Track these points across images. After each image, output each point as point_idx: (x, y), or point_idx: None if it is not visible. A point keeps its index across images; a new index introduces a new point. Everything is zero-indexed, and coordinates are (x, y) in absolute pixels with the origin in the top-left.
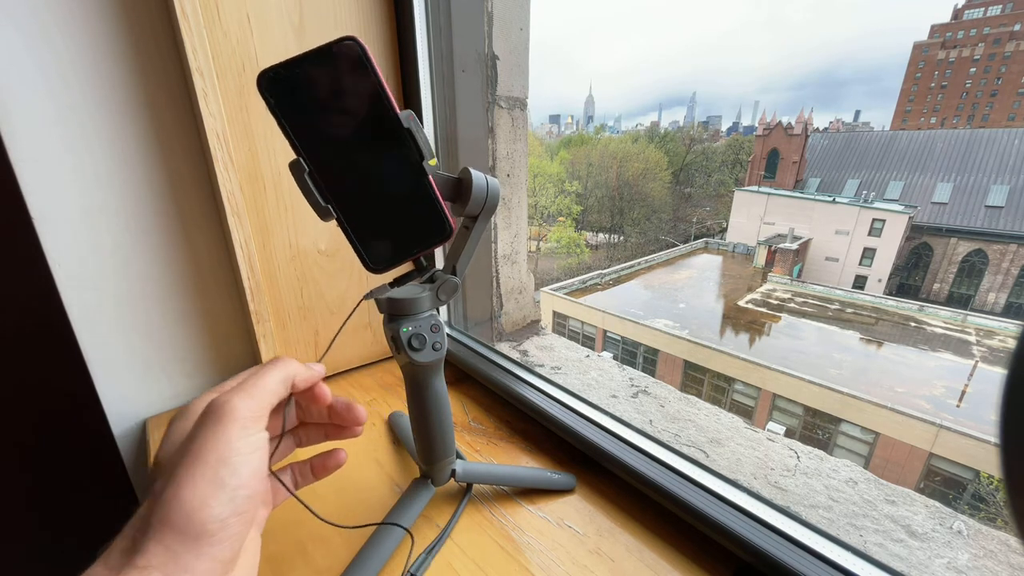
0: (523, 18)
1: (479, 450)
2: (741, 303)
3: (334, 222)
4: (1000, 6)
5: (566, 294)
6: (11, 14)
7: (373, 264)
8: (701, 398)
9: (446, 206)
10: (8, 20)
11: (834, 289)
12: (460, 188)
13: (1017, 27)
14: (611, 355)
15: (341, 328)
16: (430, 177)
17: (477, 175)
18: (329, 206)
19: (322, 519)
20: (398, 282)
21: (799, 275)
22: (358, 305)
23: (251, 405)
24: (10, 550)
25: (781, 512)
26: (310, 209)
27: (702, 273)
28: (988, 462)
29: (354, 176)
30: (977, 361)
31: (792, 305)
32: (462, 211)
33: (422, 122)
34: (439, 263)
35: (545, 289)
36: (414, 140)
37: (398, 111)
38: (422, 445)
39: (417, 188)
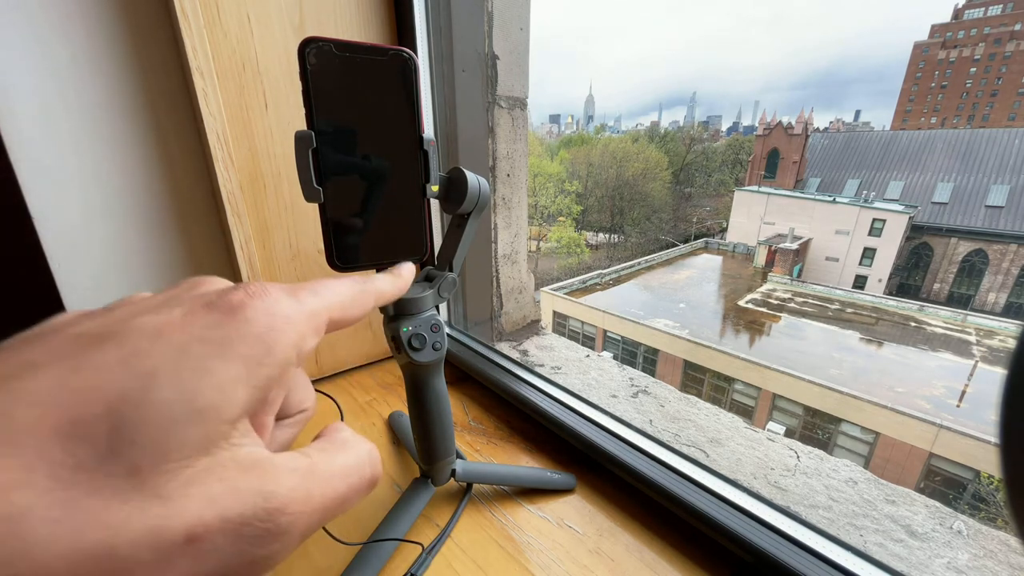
0: (523, 18)
1: (479, 450)
2: (741, 303)
3: (315, 208)
4: (1000, 6)
5: (566, 294)
6: (11, 15)
7: (340, 261)
8: (701, 398)
9: (430, 230)
10: (8, 21)
11: (834, 289)
12: (452, 187)
13: (1017, 27)
14: (611, 355)
15: None
16: (427, 200)
17: (469, 175)
18: (320, 189)
19: (334, 537)
20: None
21: (799, 275)
22: None
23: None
24: None
25: (781, 512)
26: (310, 209)
27: (702, 273)
28: (988, 462)
29: (355, 172)
30: (977, 361)
31: (792, 305)
32: (456, 209)
33: (423, 122)
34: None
35: (545, 289)
36: (426, 163)
37: (423, 132)
38: (422, 445)
39: (411, 206)
